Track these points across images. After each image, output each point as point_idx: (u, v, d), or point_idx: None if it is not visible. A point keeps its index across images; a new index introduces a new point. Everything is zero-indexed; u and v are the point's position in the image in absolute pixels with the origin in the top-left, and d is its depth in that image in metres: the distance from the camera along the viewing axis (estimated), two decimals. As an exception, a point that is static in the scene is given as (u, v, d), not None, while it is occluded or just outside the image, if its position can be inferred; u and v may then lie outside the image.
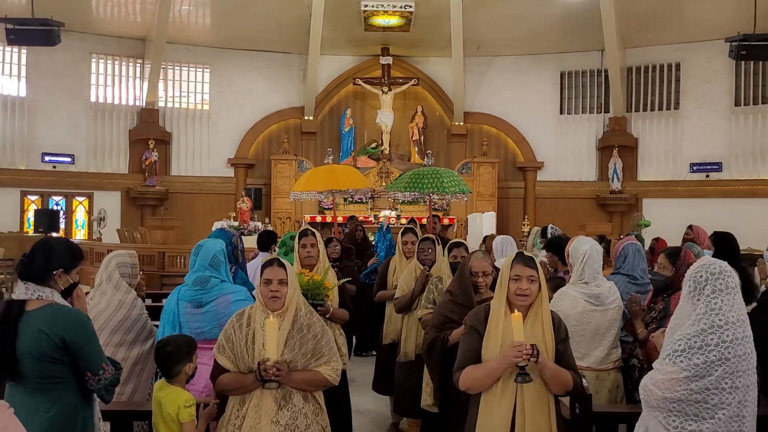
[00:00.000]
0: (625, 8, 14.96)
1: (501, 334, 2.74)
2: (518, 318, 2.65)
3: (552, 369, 2.70)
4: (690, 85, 17.07)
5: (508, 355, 2.62)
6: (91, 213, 16.34)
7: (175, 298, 3.48)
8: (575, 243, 3.89)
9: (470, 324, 2.89)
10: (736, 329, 2.42)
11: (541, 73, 17.98)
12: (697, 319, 2.46)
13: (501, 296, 2.81)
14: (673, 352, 2.45)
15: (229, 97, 17.82)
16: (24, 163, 15.92)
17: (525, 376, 2.60)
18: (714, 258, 2.57)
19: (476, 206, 16.41)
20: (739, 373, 2.41)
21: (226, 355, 2.90)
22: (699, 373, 2.40)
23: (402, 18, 15.48)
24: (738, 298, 2.49)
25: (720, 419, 2.40)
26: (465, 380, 2.78)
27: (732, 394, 2.40)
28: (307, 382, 2.89)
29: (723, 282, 2.47)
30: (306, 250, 4.25)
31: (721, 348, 2.40)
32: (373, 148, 17.55)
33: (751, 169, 16.43)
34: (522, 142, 18.08)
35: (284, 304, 2.89)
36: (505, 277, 2.81)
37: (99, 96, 16.90)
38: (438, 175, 8.53)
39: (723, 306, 2.44)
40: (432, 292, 4.30)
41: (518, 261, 2.81)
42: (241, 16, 15.76)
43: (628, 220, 16.51)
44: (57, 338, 2.45)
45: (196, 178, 17.56)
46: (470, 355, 2.81)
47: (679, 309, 2.57)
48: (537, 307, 2.79)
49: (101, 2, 15.47)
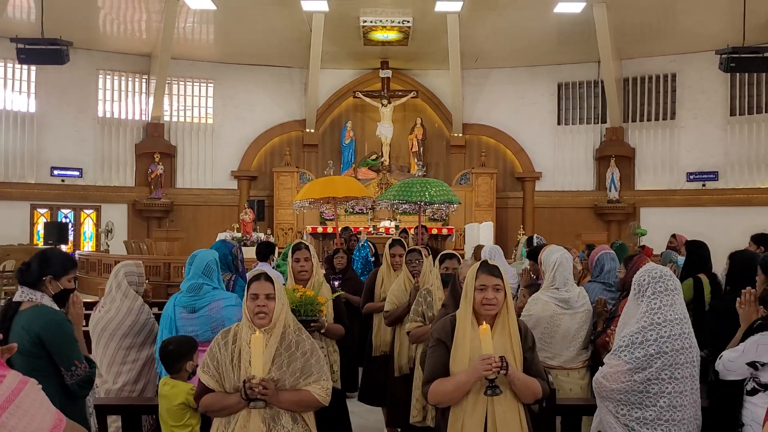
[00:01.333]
0: (621, 20, 15.25)
1: (469, 346, 2.71)
2: (486, 330, 2.62)
3: (522, 380, 2.68)
4: (686, 96, 17.34)
5: (478, 369, 2.60)
6: (99, 225, 16.71)
7: (171, 304, 3.77)
8: (547, 252, 4.17)
9: (437, 336, 2.83)
10: (674, 326, 2.70)
11: (538, 84, 18.29)
12: (639, 318, 2.75)
13: (467, 307, 2.77)
14: (618, 348, 2.73)
15: (233, 110, 18.21)
16: (33, 177, 16.33)
17: (495, 388, 2.59)
18: (656, 264, 2.86)
19: (475, 216, 16.67)
20: (678, 366, 2.69)
21: (211, 374, 2.80)
22: (640, 365, 2.68)
23: (400, 32, 15.83)
24: (678, 299, 2.77)
25: (662, 407, 2.68)
26: (434, 394, 2.74)
27: (671, 384, 2.68)
28: (296, 402, 2.78)
29: (663, 285, 2.76)
30: (300, 264, 4.16)
31: (659, 342, 2.68)
32: (374, 160, 17.87)
33: (746, 177, 16.65)
34: (520, 152, 18.36)
35: (271, 320, 2.79)
36: (470, 287, 2.77)
37: (106, 111, 17.34)
38: (426, 184, 8.74)
39: (662, 306, 2.73)
40: (420, 305, 4.19)
41: (483, 270, 2.77)
42: (244, 32, 16.16)
43: (626, 229, 16.79)
44: (34, 335, 2.79)
45: (201, 191, 17.92)
46: (438, 368, 2.76)
47: (626, 309, 2.86)
48: (503, 317, 2.76)
49: (107, 20, 15.89)
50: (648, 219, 17.07)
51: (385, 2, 14.56)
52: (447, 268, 4.25)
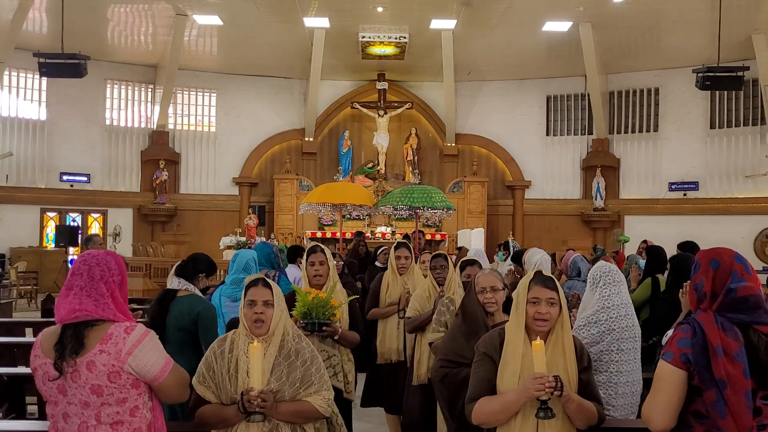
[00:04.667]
0: (606, 38, 16.05)
1: (519, 363, 2.51)
2: (540, 346, 2.42)
3: (576, 402, 2.47)
4: (668, 109, 18.18)
5: (529, 388, 2.39)
6: (106, 229, 17.36)
7: (218, 294, 4.52)
8: (530, 253, 4.96)
9: (483, 351, 2.63)
10: (619, 309, 3.47)
11: (528, 97, 19.10)
12: (594, 303, 3.51)
13: (518, 321, 2.56)
14: (577, 327, 3.48)
15: (235, 119, 18.92)
16: (43, 182, 17.00)
17: (547, 411, 2.39)
18: (605, 262, 3.64)
19: (467, 223, 17.41)
20: (623, 340, 3.45)
21: (206, 385, 2.68)
22: (594, 340, 3.43)
23: (397, 47, 16.61)
24: (623, 288, 3.54)
25: (611, 371, 3.43)
26: (479, 414, 2.54)
27: (618, 354, 3.43)
28: (296, 413, 2.66)
29: (611, 277, 3.53)
30: (314, 268, 3.95)
31: (609, 322, 3.43)
32: (370, 168, 18.60)
33: (725, 187, 17.46)
34: (510, 162, 19.14)
35: (269, 328, 2.68)
36: (522, 299, 2.57)
37: (113, 119, 18.07)
38: (427, 191, 9.51)
39: (611, 294, 3.49)
40: (443, 314, 3.91)
41: (536, 282, 2.58)
42: (247, 45, 16.91)
43: (611, 236, 17.58)
44: (195, 314, 3.60)
45: (204, 196, 18.60)
46: (484, 385, 2.57)
47: (585, 297, 3.63)
48: (558, 333, 2.56)
49: (116, 32, 16.57)
50: (632, 226, 17.82)
51: (383, 20, 15.33)
52: (469, 276, 4.04)
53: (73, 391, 2.22)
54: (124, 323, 2.29)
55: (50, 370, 2.22)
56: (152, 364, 2.28)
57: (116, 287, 2.32)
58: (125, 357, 2.23)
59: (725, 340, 2.12)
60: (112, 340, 2.24)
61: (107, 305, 2.27)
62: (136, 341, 2.25)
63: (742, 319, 2.17)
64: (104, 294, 2.28)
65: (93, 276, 2.28)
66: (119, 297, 2.34)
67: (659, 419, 2.19)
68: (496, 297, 3.24)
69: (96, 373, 2.21)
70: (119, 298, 2.33)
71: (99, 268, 2.30)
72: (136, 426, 2.28)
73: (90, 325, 2.24)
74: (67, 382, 2.22)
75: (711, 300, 2.22)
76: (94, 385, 2.21)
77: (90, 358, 2.21)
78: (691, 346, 2.14)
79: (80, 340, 2.21)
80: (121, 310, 2.32)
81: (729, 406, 2.09)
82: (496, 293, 3.24)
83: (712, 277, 2.23)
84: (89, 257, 2.33)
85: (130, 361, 2.23)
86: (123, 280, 2.37)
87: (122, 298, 2.36)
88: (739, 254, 2.28)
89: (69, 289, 2.28)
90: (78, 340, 2.21)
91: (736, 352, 2.11)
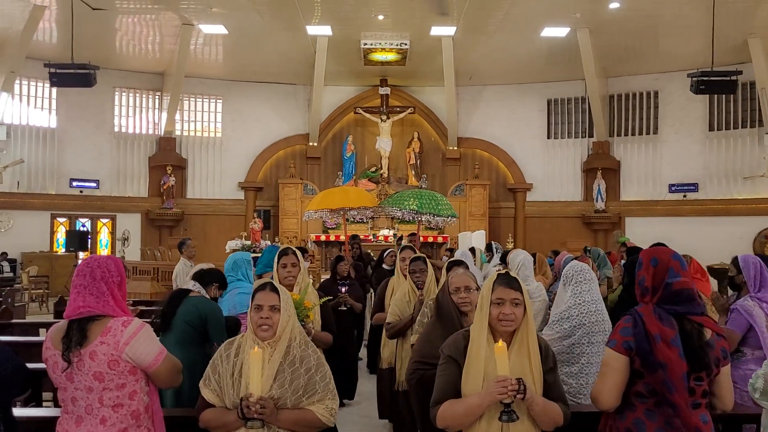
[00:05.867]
0: (605, 43, 16.29)
1: (483, 365, 2.49)
2: (502, 348, 2.38)
3: (541, 405, 2.45)
4: (667, 112, 18.40)
5: (492, 392, 2.37)
6: (115, 234, 17.73)
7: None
8: (513, 254, 5.24)
9: (448, 354, 2.61)
10: (590, 305, 3.74)
11: (529, 100, 19.35)
12: (566, 300, 3.79)
13: (482, 322, 2.54)
14: (551, 322, 3.77)
15: (240, 125, 19.28)
16: (54, 188, 17.40)
17: (511, 414, 2.36)
18: (576, 261, 3.92)
19: (469, 225, 17.64)
20: (593, 334, 3.72)
21: (211, 388, 2.68)
22: (566, 334, 3.71)
23: (398, 54, 16.90)
24: (594, 286, 3.82)
25: (582, 363, 3.70)
26: (443, 417, 2.52)
27: (589, 347, 3.71)
28: (297, 422, 2.62)
29: (582, 276, 3.81)
30: (286, 269, 4.06)
31: (580, 317, 3.71)
32: (373, 172, 18.89)
33: (724, 189, 17.66)
34: (512, 165, 19.39)
35: (276, 333, 2.66)
36: (485, 300, 2.55)
37: (121, 126, 18.48)
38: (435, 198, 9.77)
39: (582, 291, 3.77)
40: (426, 316, 3.84)
41: (500, 282, 2.55)
42: (251, 52, 17.26)
43: (611, 238, 17.76)
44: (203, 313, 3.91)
45: (210, 201, 18.96)
46: (448, 388, 2.55)
47: (558, 294, 3.91)
48: (522, 334, 2.53)
49: (124, 41, 16.96)
50: (632, 228, 18.02)
51: (385, 27, 15.62)
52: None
53: (79, 378, 2.54)
54: (122, 318, 2.61)
55: (59, 361, 2.55)
56: (147, 354, 2.59)
57: (115, 286, 2.63)
58: (122, 347, 2.54)
59: (662, 328, 2.40)
60: (111, 333, 2.55)
61: (107, 302, 2.60)
62: (132, 333, 2.57)
63: (677, 309, 2.45)
64: (105, 292, 2.59)
65: (95, 277, 2.60)
66: (118, 295, 2.65)
67: (605, 399, 2.46)
68: (470, 297, 3.23)
69: (98, 361, 2.52)
70: (118, 296, 2.64)
71: (100, 270, 2.62)
72: (135, 408, 2.58)
73: (92, 320, 2.57)
74: (73, 370, 2.54)
75: (652, 293, 2.50)
76: (96, 372, 2.53)
77: (92, 349, 2.53)
78: (632, 334, 2.42)
79: (84, 333, 2.54)
80: (119, 306, 2.64)
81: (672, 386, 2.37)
82: (470, 293, 3.25)
83: (652, 274, 2.51)
84: (91, 261, 2.66)
85: (127, 351, 2.54)
86: (122, 281, 2.67)
87: (121, 296, 2.66)
88: (676, 253, 2.56)
89: (75, 289, 2.61)
90: (82, 333, 2.54)
91: (672, 338, 2.39)
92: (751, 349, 3.83)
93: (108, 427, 2.54)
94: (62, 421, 2.63)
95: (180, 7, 14.62)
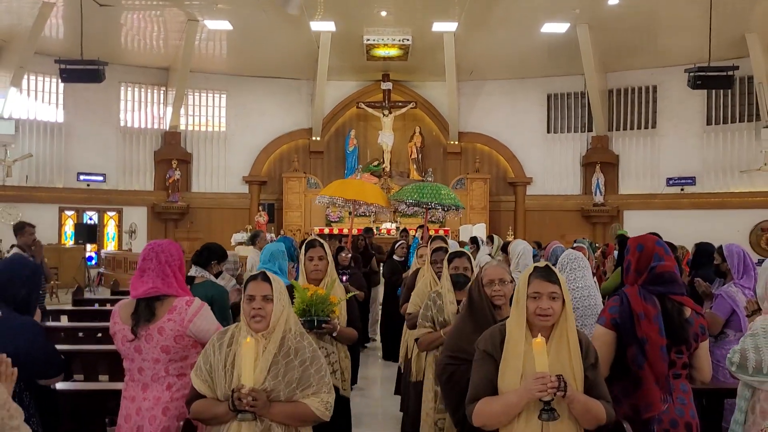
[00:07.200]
0: (603, 38, 16.53)
1: (521, 361, 2.40)
2: (541, 344, 2.30)
3: (582, 402, 2.36)
4: (666, 106, 18.62)
5: (531, 389, 2.29)
6: (121, 227, 18.01)
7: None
8: (514, 244, 5.53)
9: (483, 349, 2.52)
10: (583, 291, 4.04)
11: (529, 95, 19.57)
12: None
13: (518, 317, 2.45)
14: (548, 306, 4.05)
15: (244, 120, 19.51)
16: (61, 182, 17.67)
17: (551, 412, 2.28)
18: (571, 249, 4.21)
19: (470, 219, 17.86)
20: (586, 317, 4.01)
21: (203, 378, 2.61)
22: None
23: (401, 49, 17.12)
24: (587, 273, 4.12)
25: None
26: (479, 415, 2.44)
27: (583, 329, 3.98)
28: (290, 415, 2.54)
29: (576, 263, 4.11)
30: (313, 263, 3.86)
31: (574, 302, 3.98)
32: (375, 166, 19.13)
33: (721, 182, 17.90)
34: (512, 159, 19.63)
35: (269, 324, 2.58)
36: (522, 294, 2.46)
37: (127, 121, 18.72)
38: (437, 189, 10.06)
39: (576, 278, 4.06)
40: (430, 309, 3.76)
41: (537, 275, 2.47)
42: (256, 48, 17.50)
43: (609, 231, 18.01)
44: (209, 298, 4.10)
45: (215, 195, 19.22)
46: (485, 384, 2.46)
47: (555, 280, 4.20)
48: (561, 328, 2.43)
49: (129, 37, 17.20)
50: (631, 221, 18.22)
51: (387, 23, 15.87)
52: (457, 268, 3.83)
53: (147, 350, 2.89)
54: (185, 297, 2.97)
55: (128, 334, 2.90)
56: (207, 329, 2.96)
57: (177, 269, 3.01)
58: (187, 324, 2.91)
59: (645, 307, 2.69)
60: (176, 311, 2.92)
61: (171, 284, 2.97)
62: (195, 311, 2.95)
63: (659, 290, 2.74)
64: (169, 275, 2.97)
65: (160, 260, 2.96)
66: (180, 277, 3.01)
67: None
68: (504, 290, 3.11)
69: (165, 336, 2.88)
70: (180, 278, 3.02)
71: (164, 255, 2.97)
72: None
73: (159, 299, 2.92)
74: (141, 343, 2.89)
75: (638, 276, 2.79)
76: (163, 345, 2.89)
77: (160, 325, 2.89)
78: (618, 312, 2.71)
79: (152, 311, 2.90)
80: (181, 286, 3.02)
81: (648, 358, 2.66)
82: (504, 285, 3.12)
83: (637, 258, 2.80)
84: (155, 245, 3.01)
85: (191, 327, 2.92)
86: (181, 264, 3.04)
87: (181, 277, 3.02)
88: (660, 239, 2.85)
89: (142, 271, 2.97)
90: (150, 311, 2.90)
91: (654, 315, 2.68)
92: (734, 331, 4.13)
93: (173, 392, 2.90)
94: (128, 388, 2.97)
95: (185, 3, 14.86)
